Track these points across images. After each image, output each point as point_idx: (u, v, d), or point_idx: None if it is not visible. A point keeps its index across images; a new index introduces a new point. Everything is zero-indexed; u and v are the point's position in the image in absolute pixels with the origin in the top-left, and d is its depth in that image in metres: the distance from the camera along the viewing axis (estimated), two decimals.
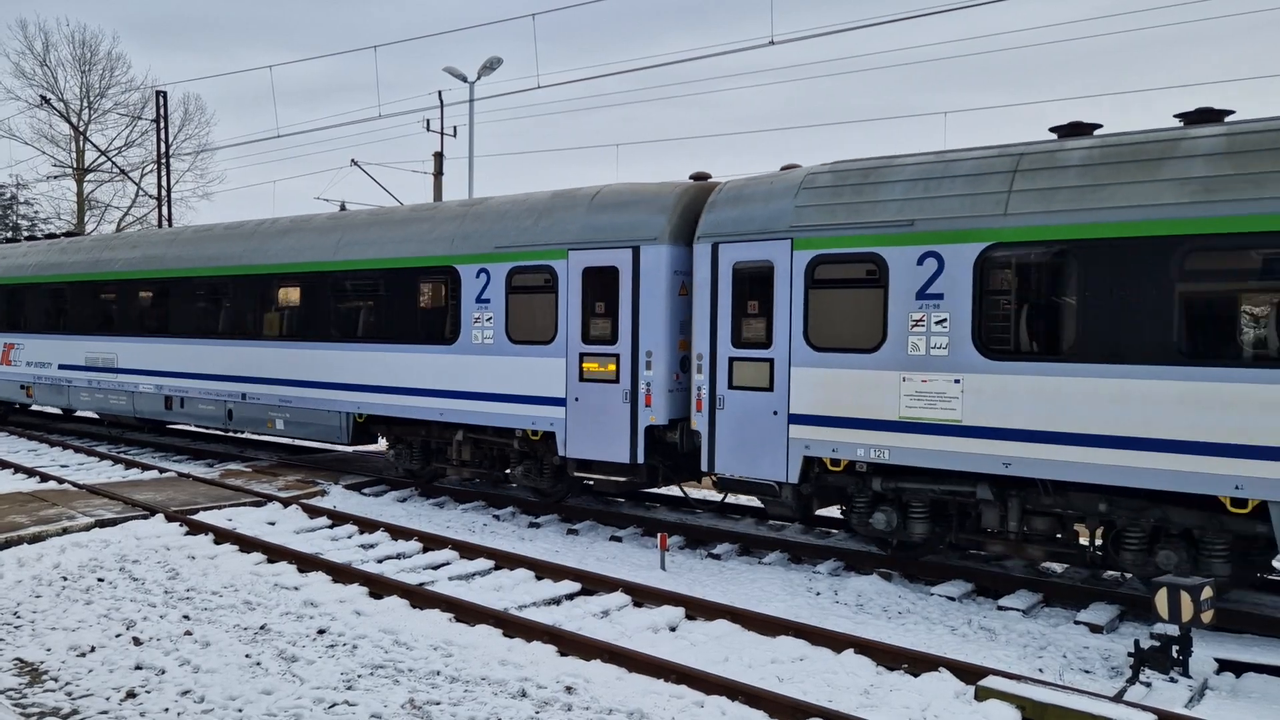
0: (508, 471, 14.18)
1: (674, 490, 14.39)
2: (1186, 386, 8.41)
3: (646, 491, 14.74)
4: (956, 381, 9.55)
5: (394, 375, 14.60)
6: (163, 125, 35.83)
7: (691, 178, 12.65)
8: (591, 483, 13.22)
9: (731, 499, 13.75)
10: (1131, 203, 8.70)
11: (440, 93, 32.49)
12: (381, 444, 16.49)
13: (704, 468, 11.41)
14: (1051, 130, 9.84)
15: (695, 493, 15.00)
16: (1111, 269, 8.74)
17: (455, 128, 32.87)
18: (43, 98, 44.06)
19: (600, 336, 12.27)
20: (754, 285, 10.92)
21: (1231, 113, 9.02)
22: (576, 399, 12.46)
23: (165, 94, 36.05)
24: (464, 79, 29.78)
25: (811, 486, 10.85)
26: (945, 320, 9.61)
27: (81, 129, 46.46)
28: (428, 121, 31.89)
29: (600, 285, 12.27)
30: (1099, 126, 9.65)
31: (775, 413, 10.72)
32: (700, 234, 11.39)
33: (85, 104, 47.44)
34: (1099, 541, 9.59)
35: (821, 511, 12.21)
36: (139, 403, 19.20)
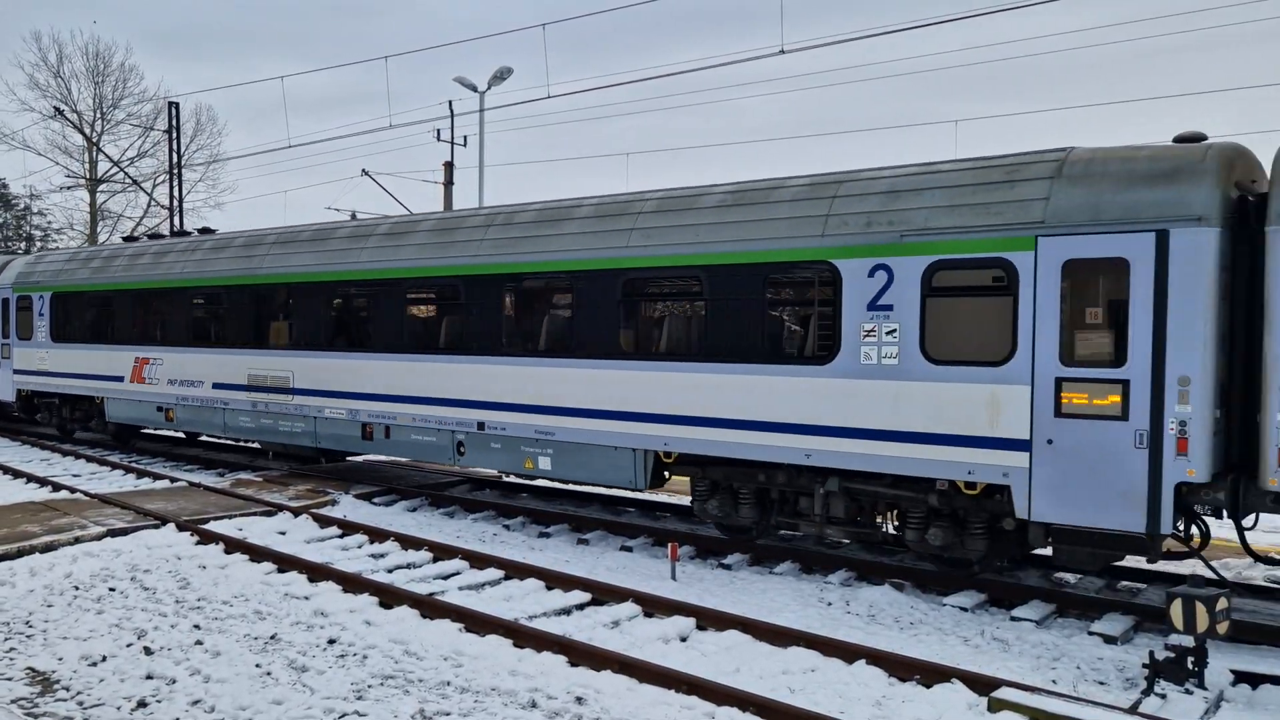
0: (903, 533, 10.42)
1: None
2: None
3: (653, 500, 14.71)
4: None
5: (725, 403, 11.01)
6: (175, 136, 36.05)
7: (1177, 140, 9.20)
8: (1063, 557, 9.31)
9: None
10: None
11: (451, 103, 32.61)
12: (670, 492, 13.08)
13: None
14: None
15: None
16: None
17: (466, 137, 32.91)
18: (56, 109, 44.47)
19: (1093, 357, 8.95)
20: None
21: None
22: (1050, 441, 9.09)
23: (177, 105, 36.30)
24: (474, 89, 29.90)
25: None
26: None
27: (94, 140, 46.81)
28: (438, 131, 32.00)
29: (1093, 285, 9.06)
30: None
31: None
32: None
33: (98, 115, 47.85)
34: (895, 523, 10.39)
35: None
36: (323, 430, 15.75)
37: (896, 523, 10.60)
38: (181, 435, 22.77)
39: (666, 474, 12.24)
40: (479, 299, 13.49)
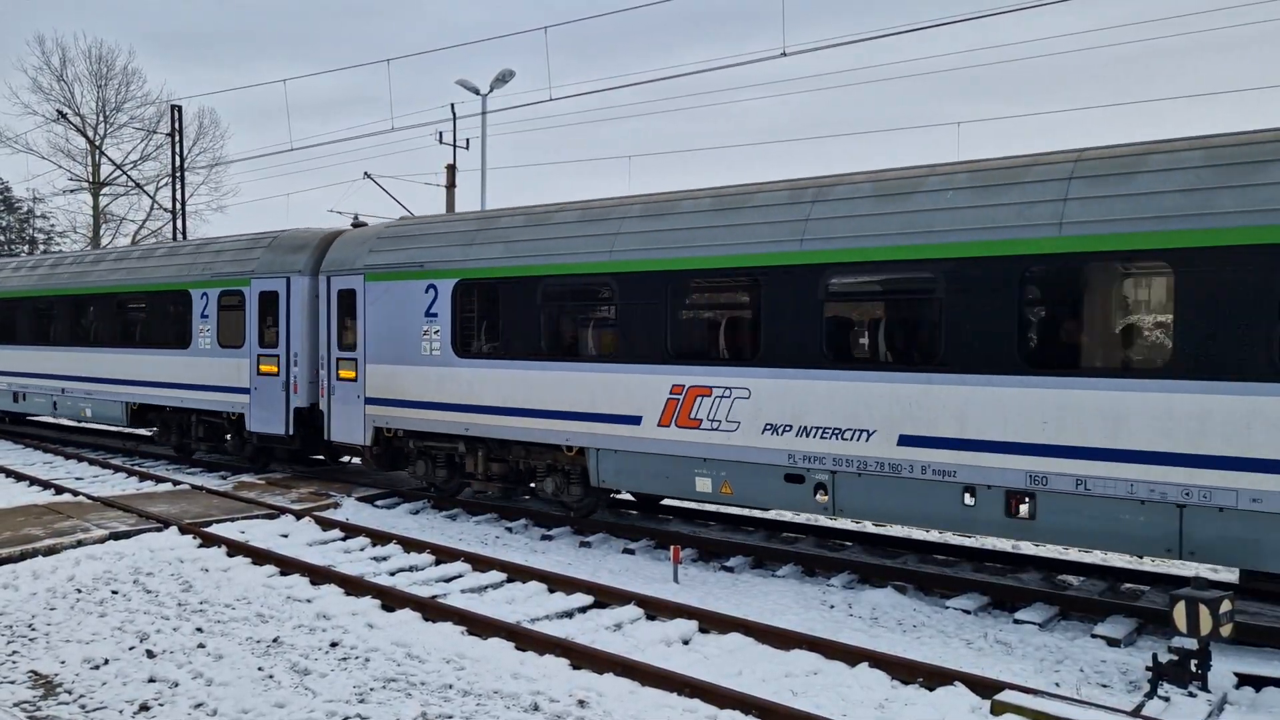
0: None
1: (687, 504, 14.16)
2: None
3: (661, 504, 14.75)
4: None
5: None
6: (177, 139, 36.10)
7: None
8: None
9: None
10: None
11: (453, 105, 32.76)
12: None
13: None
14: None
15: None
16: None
17: (468, 140, 32.93)
18: (59, 112, 44.51)
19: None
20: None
21: None
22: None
23: (180, 108, 36.34)
24: (477, 92, 29.92)
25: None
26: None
27: (97, 143, 46.90)
28: (440, 134, 32.02)
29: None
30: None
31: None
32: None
33: (101, 118, 47.97)
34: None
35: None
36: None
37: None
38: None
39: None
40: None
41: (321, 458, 18.41)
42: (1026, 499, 9.31)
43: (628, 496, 14.92)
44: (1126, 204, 8.89)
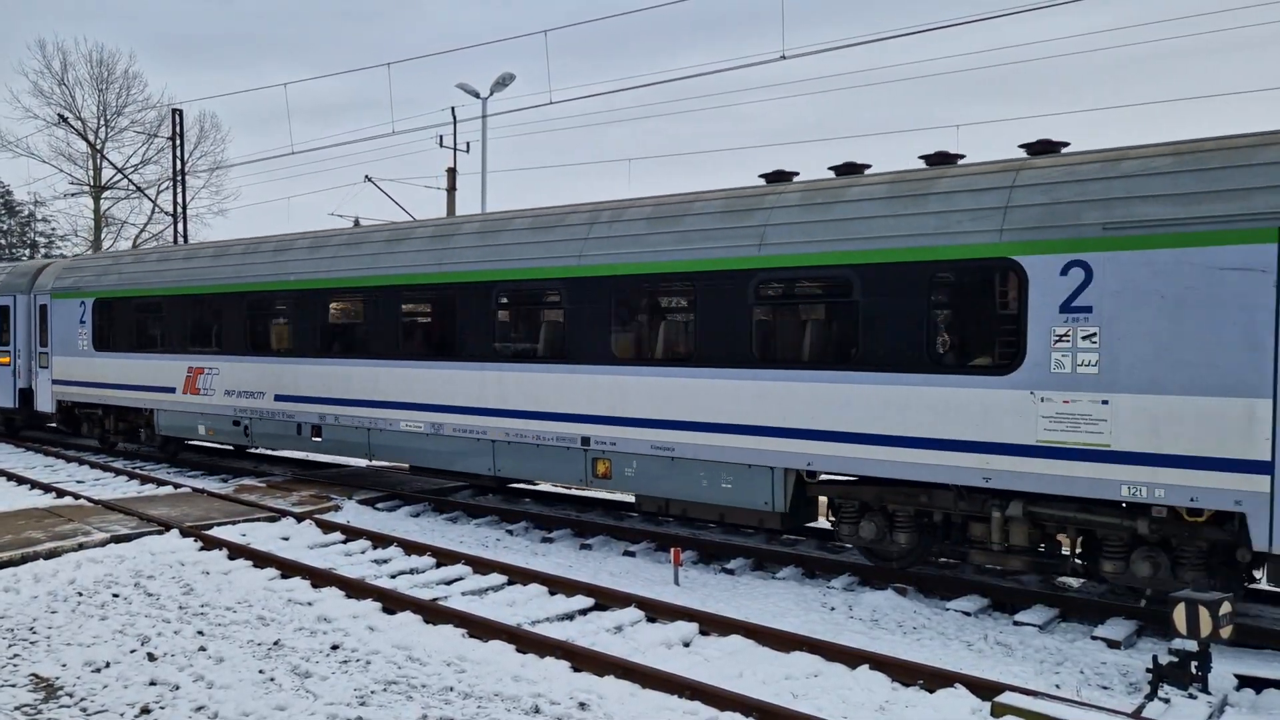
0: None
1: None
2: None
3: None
4: None
5: None
6: (178, 143, 36.13)
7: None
8: None
9: None
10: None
11: (454, 109, 32.70)
12: None
13: None
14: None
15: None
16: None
17: (469, 143, 32.98)
18: (60, 116, 44.55)
19: None
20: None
21: None
22: None
23: (181, 112, 36.38)
24: (477, 95, 29.93)
25: None
26: None
27: (98, 147, 46.94)
28: (441, 138, 32.07)
29: None
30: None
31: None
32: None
33: (102, 122, 47.99)
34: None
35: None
36: None
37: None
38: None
39: None
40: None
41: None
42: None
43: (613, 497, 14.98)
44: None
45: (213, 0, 74.46)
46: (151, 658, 8.21)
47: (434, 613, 9.21)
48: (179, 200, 35.97)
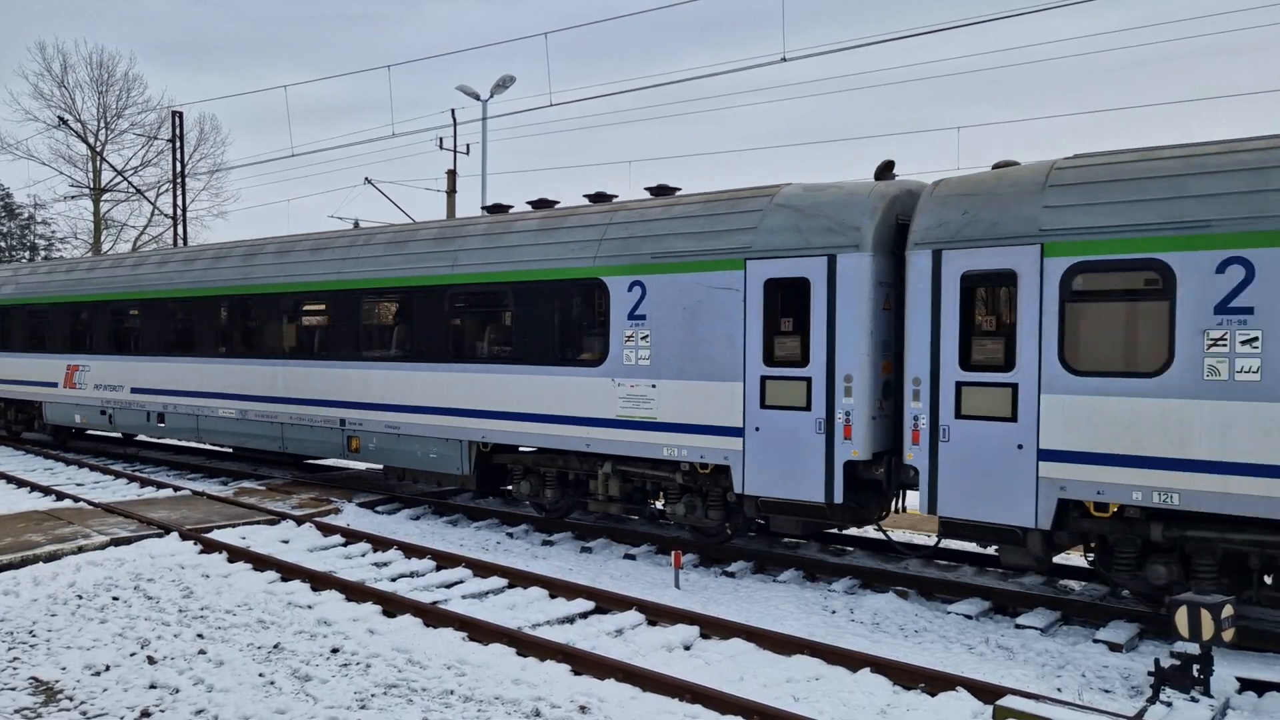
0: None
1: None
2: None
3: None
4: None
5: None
6: (178, 145, 36.14)
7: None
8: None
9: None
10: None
11: (454, 111, 32.75)
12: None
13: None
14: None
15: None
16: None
17: (469, 145, 32.99)
18: (60, 118, 44.61)
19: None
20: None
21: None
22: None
23: (181, 114, 36.38)
24: (477, 97, 29.93)
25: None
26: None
27: (98, 149, 46.95)
28: (441, 140, 32.07)
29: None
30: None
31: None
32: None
33: (102, 124, 47.98)
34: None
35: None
36: None
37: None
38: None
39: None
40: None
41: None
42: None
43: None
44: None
45: (213, 2, 74.56)
46: (151, 661, 8.19)
47: (434, 616, 9.19)
48: (179, 203, 35.98)
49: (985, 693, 7.25)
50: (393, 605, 9.55)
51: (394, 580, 10.92)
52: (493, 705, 7.12)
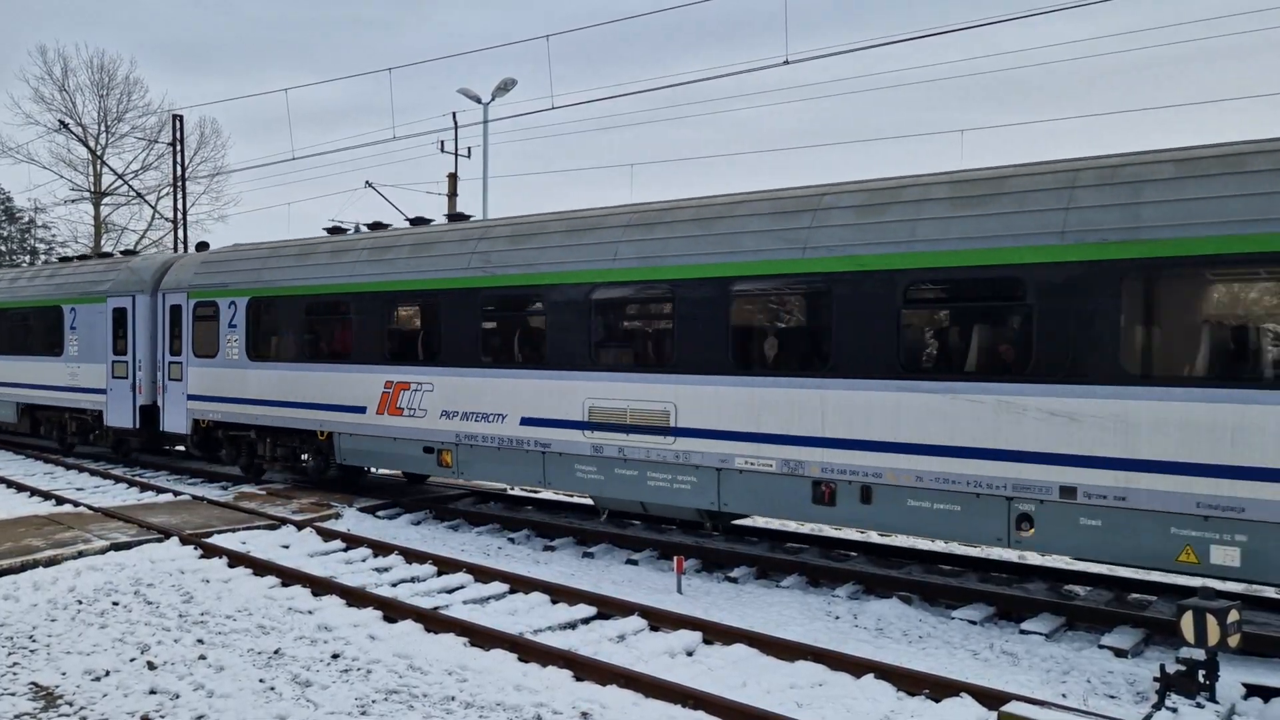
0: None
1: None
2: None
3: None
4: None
5: None
6: (179, 149, 36.14)
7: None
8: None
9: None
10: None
11: (455, 114, 32.77)
12: None
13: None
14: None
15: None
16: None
17: (470, 149, 32.97)
18: (61, 122, 44.62)
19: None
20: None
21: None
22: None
23: (181, 118, 36.40)
24: (478, 100, 29.94)
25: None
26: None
27: (99, 153, 46.96)
28: (442, 143, 32.08)
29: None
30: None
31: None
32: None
33: (103, 128, 47.97)
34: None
35: None
36: None
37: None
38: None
39: None
40: None
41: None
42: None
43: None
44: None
45: (213, 6, 74.64)
46: (151, 666, 8.15)
47: (435, 621, 9.15)
48: (179, 206, 35.98)
49: (990, 699, 7.21)
50: (393, 611, 9.51)
51: (395, 585, 10.89)
52: (494, 711, 7.08)
